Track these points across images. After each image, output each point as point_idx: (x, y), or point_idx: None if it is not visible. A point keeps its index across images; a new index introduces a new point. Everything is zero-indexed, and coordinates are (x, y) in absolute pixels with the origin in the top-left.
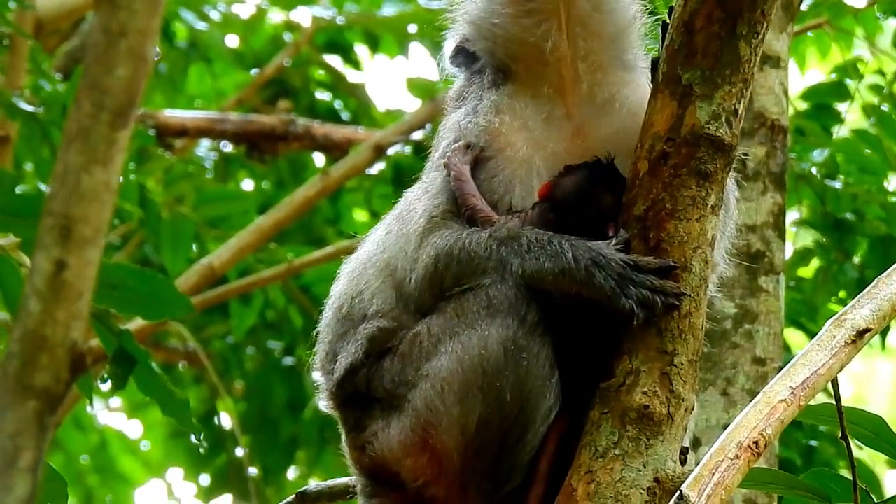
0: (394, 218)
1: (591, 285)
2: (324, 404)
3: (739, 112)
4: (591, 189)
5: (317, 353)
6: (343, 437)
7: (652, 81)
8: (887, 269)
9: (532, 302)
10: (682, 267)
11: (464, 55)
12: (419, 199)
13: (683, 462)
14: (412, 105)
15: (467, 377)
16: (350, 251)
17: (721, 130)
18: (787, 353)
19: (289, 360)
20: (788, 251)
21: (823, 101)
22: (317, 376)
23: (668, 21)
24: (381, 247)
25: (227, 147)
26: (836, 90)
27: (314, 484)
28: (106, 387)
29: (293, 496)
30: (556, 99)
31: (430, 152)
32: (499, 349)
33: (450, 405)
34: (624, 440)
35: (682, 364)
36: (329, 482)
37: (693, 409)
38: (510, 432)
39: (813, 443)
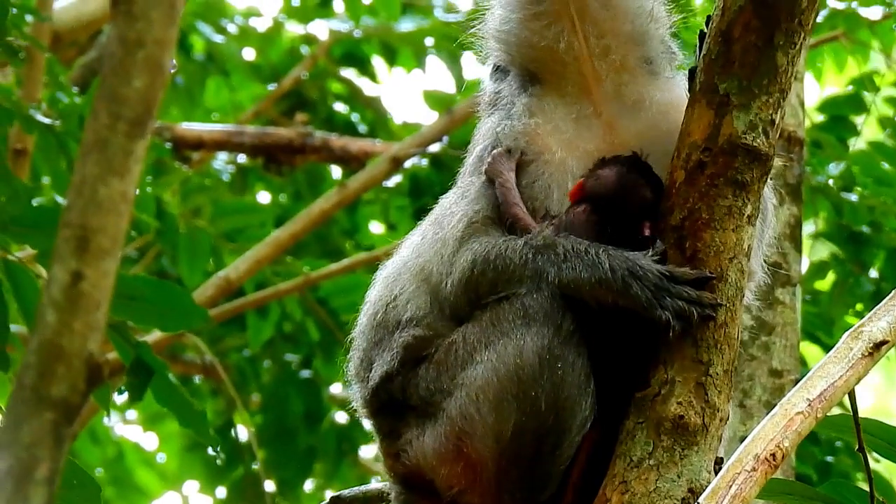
0: (429, 223)
1: (627, 295)
2: (359, 412)
3: (776, 122)
4: (632, 181)
5: (351, 361)
6: (377, 444)
7: (689, 90)
8: None
9: (568, 311)
10: (717, 277)
11: (502, 71)
12: (456, 203)
13: (717, 472)
14: (429, 118)
15: (503, 386)
16: (367, 263)
17: (758, 140)
18: (803, 367)
19: (306, 373)
20: (805, 263)
21: (840, 114)
22: (349, 385)
23: (705, 30)
24: (416, 252)
25: (244, 159)
26: (852, 102)
27: (347, 489)
28: (122, 398)
29: (328, 500)
30: (583, 98)
31: (460, 160)
32: (534, 358)
33: (485, 413)
34: (658, 450)
35: (718, 374)
36: (363, 487)
37: (728, 419)
38: (545, 440)
39: (829, 458)
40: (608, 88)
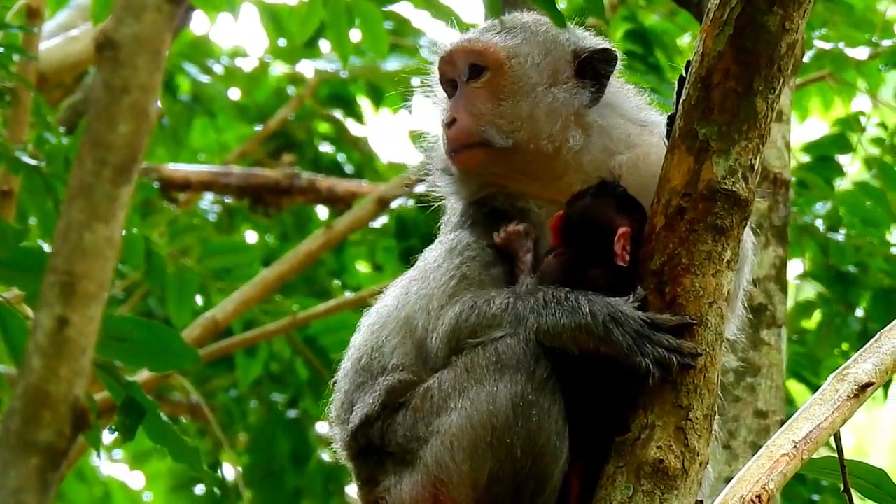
0: (413, 278)
1: (608, 341)
2: (339, 455)
3: (756, 167)
4: (601, 200)
5: (332, 403)
6: (357, 490)
7: (668, 136)
8: (890, 321)
9: (542, 357)
10: (697, 322)
11: None
12: (448, 259)
13: None
14: (415, 158)
15: (477, 434)
16: (354, 304)
17: (737, 186)
18: (789, 405)
19: (293, 413)
20: (789, 304)
21: (826, 154)
22: (330, 427)
23: (684, 76)
24: (400, 304)
25: (231, 200)
26: (838, 143)
27: None
28: (109, 438)
29: None
30: (553, 198)
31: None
32: (508, 406)
33: (460, 462)
34: (639, 494)
35: (698, 418)
36: None
37: (707, 463)
38: (523, 487)
39: (815, 497)
40: (572, 181)
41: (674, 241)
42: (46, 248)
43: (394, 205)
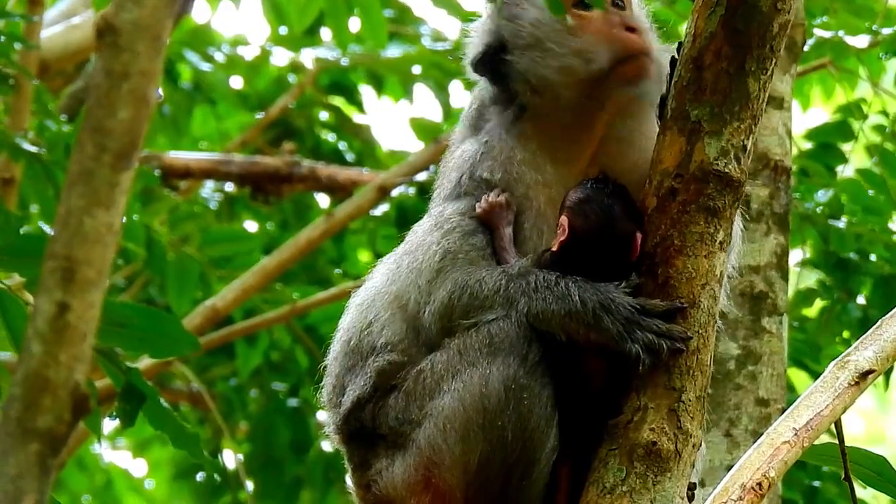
0: (403, 253)
1: (598, 328)
2: (331, 439)
3: (748, 148)
4: (611, 210)
5: (324, 387)
6: (349, 473)
7: (660, 118)
8: (891, 309)
9: (534, 341)
10: (690, 304)
11: (490, 65)
12: (432, 233)
13: (691, 498)
14: (416, 146)
15: (469, 416)
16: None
17: (730, 167)
18: (790, 393)
19: (293, 402)
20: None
21: (827, 141)
22: (324, 412)
23: (676, 57)
24: (390, 280)
25: (231, 188)
26: (839, 130)
27: None
28: (111, 426)
29: None
30: (574, 144)
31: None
32: (500, 388)
33: (452, 444)
34: (631, 477)
35: (690, 400)
36: None
37: (700, 445)
38: (514, 470)
39: (816, 483)
40: (607, 132)
41: (666, 223)
42: (48, 230)
43: (395, 193)
